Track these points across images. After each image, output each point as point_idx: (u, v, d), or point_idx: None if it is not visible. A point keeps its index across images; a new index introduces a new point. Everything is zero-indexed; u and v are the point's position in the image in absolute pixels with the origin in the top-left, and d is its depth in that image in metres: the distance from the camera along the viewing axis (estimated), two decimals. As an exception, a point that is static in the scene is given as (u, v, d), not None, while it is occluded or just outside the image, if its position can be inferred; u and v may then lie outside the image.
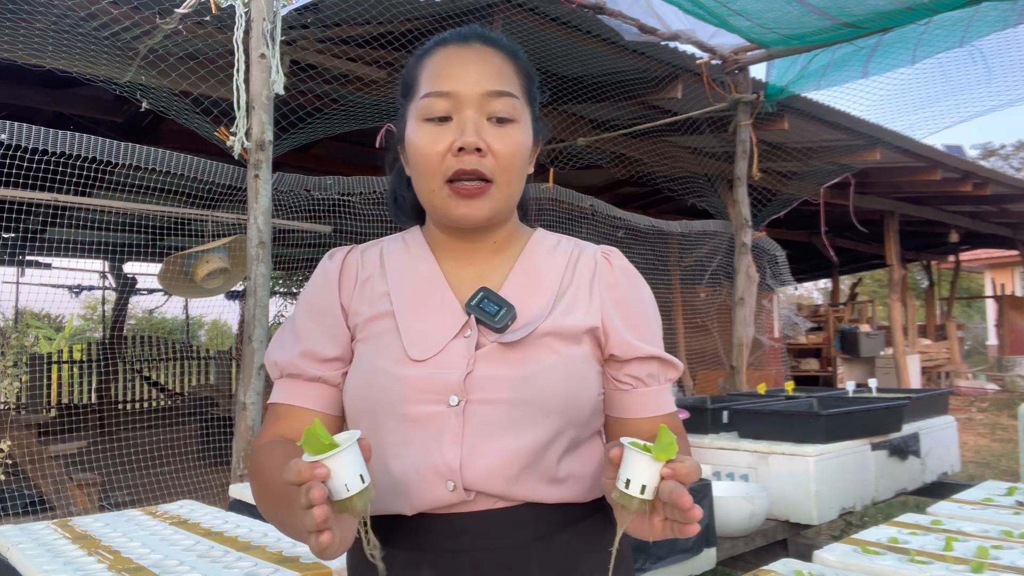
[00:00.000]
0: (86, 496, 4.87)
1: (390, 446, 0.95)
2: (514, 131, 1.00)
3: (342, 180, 4.61)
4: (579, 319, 1.01)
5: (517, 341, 0.97)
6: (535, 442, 0.94)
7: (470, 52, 1.01)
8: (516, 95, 1.01)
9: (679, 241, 6.72)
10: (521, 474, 0.94)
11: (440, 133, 0.98)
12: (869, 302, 15.79)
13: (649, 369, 1.03)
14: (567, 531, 0.98)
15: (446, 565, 0.93)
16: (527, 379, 0.95)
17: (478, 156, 0.97)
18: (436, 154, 0.97)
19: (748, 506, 3.41)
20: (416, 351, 0.96)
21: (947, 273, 16.05)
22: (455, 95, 0.98)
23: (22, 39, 3.75)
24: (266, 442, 0.99)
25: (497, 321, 0.97)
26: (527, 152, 1.03)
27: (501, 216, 1.03)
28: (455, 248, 1.05)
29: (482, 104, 0.98)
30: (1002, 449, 7.60)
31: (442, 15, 4.52)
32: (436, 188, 0.99)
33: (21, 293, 9.86)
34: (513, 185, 1.01)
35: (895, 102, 5.78)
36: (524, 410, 0.94)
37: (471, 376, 0.95)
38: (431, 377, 0.95)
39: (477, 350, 0.96)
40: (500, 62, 1.02)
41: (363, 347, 1.00)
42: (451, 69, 1.00)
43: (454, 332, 0.98)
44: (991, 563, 1.73)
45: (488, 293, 1.00)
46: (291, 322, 1.06)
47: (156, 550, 1.82)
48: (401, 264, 1.05)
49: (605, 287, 1.04)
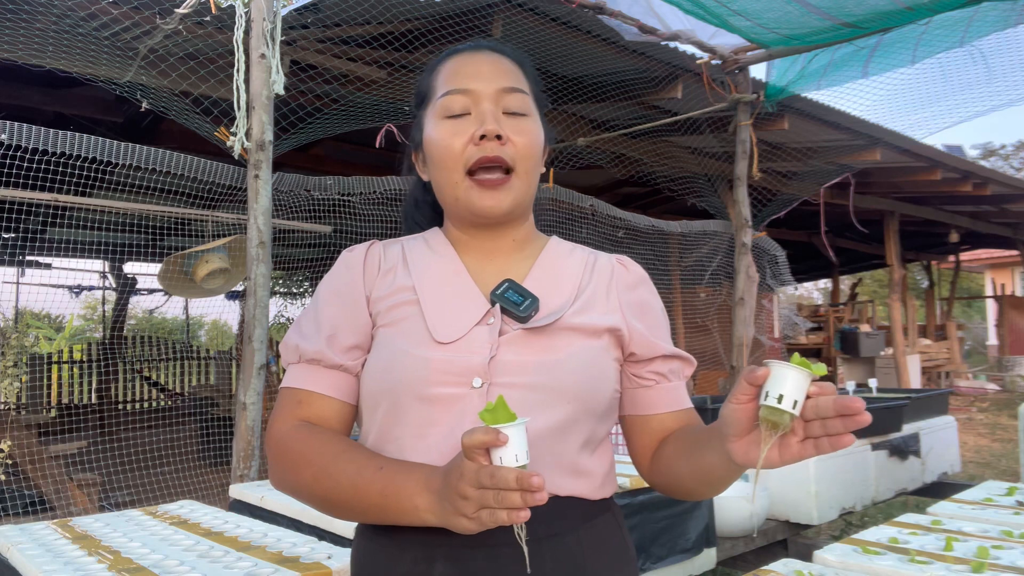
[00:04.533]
0: (86, 496, 4.87)
1: (412, 427, 0.97)
2: (529, 123, 1.05)
3: (342, 180, 4.61)
4: (599, 318, 1.04)
5: (540, 329, 1.00)
6: (553, 426, 0.97)
7: (482, 56, 1.07)
8: (527, 93, 1.07)
9: (679, 241, 6.72)
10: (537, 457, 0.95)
11: (460, 126, 1.02)
12: (869, 302, 15.81)
13: (671, 366, 1.09)
14: (578, 529, 0.99)
15: (460, 559, 0.94)
16: (550, 365, 0.98)
17: (498, 143, 1.01)
18: (458, 145, 1.01)
19: (748, 506, 3.41)
20: (441, 334, 0.98)
21: (947, 273, 16.06)
22: (472, 91, 1.03)
23: (22, 39, 3.75)
24: (295, 425, 1.01)
25: (522, 311, 0.99)
26: (541, 146, 1.08)
27: (520, 209, 1.06)
28: (476, 246, 1.08)
29: (497, 99, 1.03)
30: (1002, 449, 7.60)
31: (442, 15, 4.51)
32: (459, 180, 1.02)
33: (21, 293, 9.86)
34: (532, 175, 1.06)
35: (895, 102, 5.77)
36: (545, 394, 0.97)
37: (495, 360, 0.97)
38: (455, 359, 0.97)
39: (500, 336, 0.99)
40: (511, 66, 1.08)
41: (385, 331, 1.02)
42: (467, 69, 1.06)
43: (477, 318, 1.00)
44: (991, 563, 1.73)
45: (513, 284, 1.03)
46: (312, 310, 1.07)
47: (156, 550, 1.82)
48: (424, 259, 1.08)
49: (624, 290, 1.09)
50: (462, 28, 4.49)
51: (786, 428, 0.80)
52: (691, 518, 3.06)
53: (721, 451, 0.88)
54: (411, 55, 4.67)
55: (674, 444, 1.03)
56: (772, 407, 0.80)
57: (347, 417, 1.03)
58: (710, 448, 0.93)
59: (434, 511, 0.86)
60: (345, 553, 1.77)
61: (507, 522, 0.77)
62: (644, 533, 2.86)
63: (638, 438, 1.08)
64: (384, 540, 0.98)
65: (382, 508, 0.91)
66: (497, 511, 0.77)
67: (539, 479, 0.76)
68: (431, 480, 0.87)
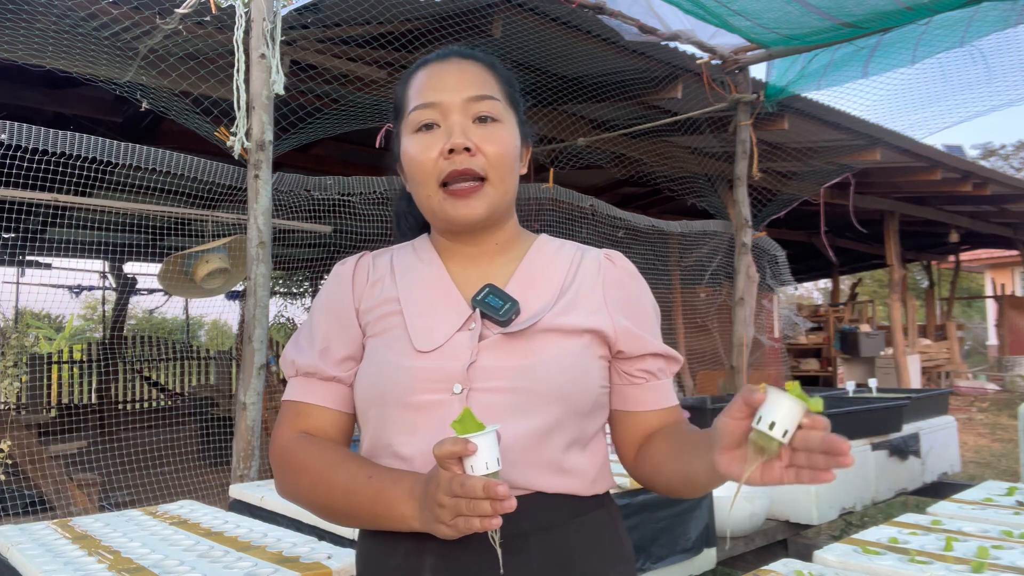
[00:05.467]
0: (86, 496, 4.87)
1: (397, 434, 1.00)
2: (499, 129, 1.05)
3: (342, 180, 4.61)
4: (581, 318, 1.05)
5: (519, 333, 1.01)
6: (535, 429, 0.98)
7: (449, 66, 1.08)
8: (497, 98, 1.07)
9: (679, 241, 6.72)
10: (520, 459, 0.97)
11: (430, 140, 1.04)
12: (869, 302, 15.79)
13: (659, 364, 1.09)
14: (568, 524, 1.00)
15: (449, 553, 0.95)
16: (528, 368, 0.99)
17: (468, 155, 1.02)
18: (428, 160, 1.03)
19: (748, 506, 3.42)
20: (422, 343, 1.01)
21: (947, 273, 16.05)
22: (440, 104, 1.04)
23: (22, 39, 3.75)
24: (295, 436, 1.05)
25: (502, 315, 1.01)
26: (515, 150, 1.08)
27: (498, 214, 1.07)
28: (460, 252, 1.10)
29: (466, 109, 1.04)
30: (1002, 449, 7.60)
31: (442, 15, 4.51)
32: (432, 193, 1.04)
33: (21, 293, 9.86)
34: (507, 182, 1.06)
35: (895, 102, 5.77)
36: (525, 397, 0.98)
37: (474, 365, 0.99)
38: (436, 367, 0.99)
39: (480, 342, 1.00)
40: (478, 71, 1.08)
41: (373, 342, 1.06)
42: (433, 82, 1.06)
43: (458, 325, 1.02)
44: (991, 563, 1.73)
45: (494, 289, 1.04)
46: (308, 325, 1.12)
47: (156, 550, 1.82)
48: (410, 268, 1.11)
49: (611, 287, 1.09)
50: (462, 28, 4.48)
51: (773, 454, 0.83)
52: (691, 518, 3.06)
53: (708, 458, 0.89)
54: (411, 55, 4.67)
55: (664, 443, 1.05)
56: (763, 432, 0.82)
57: (345, 426, 1.08)
58: (698, 453, 0.95)
59: (418, 518, 0.91)
60: (345, 553, 1.78)
61: (480, 529, 0.82)
62: (644, 533, 2.86)
63: (623, 433, 1.10)
64: (381, 536, 1.01)
65: (373, 515, 0.96)
66: (471, 518, 0.82)
67: (504, 488, 0.79)
68: (414, 488, 0.92)
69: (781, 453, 0.83)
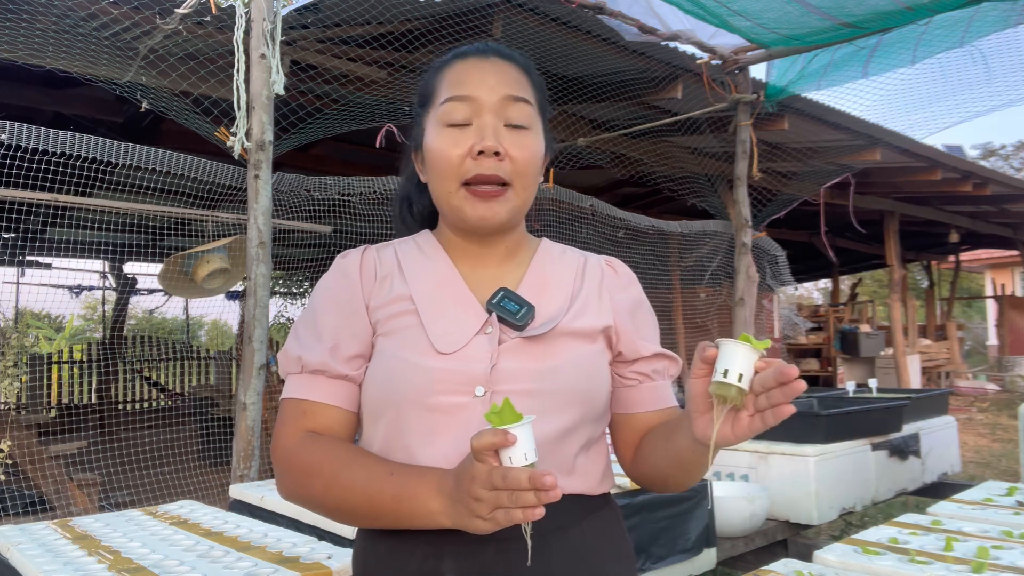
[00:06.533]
0: (86, 496, 4.87)
1: (416, 436, 0.98)
2: (530, 137, 1.04)
3: (342, 180, 4.61)
4: (593, 320, 1.06)
5: (538, 336, 1.01)
6: (554, 431, 0.99)
7: (489, 64, 1.06)
8: (531, 103, 1.06)
9: (679, 241, 6.72)
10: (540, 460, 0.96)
11: (459, 136, 1.02)
12: (869, 302, 15.79)
13: (656, 366, 1.10)
14: (581, 522, 1.01)
15: (468, 555, 0.95)
16: (550, 371, 1.00)
17: (496, 160, 1.01)
18: (456, 156, 1.01)
19: (748, 506, 3.41)
20: (442, 344, 0.99)
21: (947, 273, 16.05)
22: (475, 100, 1.02)
23: (22, 39, 3.75)
24: (301, 436, 1.01)
25: (519, 319, 1.01)
26: (541, 159, 1.08)
27: (516, 220, 1.07)
28: (469, 251, 1.09)
29: (500, 110, 1.02)
30: (1002, 449, 7.60)
31: (442, 15, 4.51)
32: (454, 190, 1.03)
33: (21, 293, 9.86)
34: (529, 190, 1.06)
35: (895, 102, 5.77)
36: (546, 400, 0.98)
37: (496, 368, 0.98)
38: (458, 369, 0.98)
39: (499, 345, 1.00)
40: (517, 73, 1.07)
41: (386, 341, 1.03)
42: (471, 76, 1.04)
43: (476, 328, 1.01)
44: (991, 563, 1.73)
45: (508, 293, 1.04)
46: (311, 319, 1.06)
47: (156, 550, 1.82)
48: (418, 266, 1.08)
49: (614, 291, 1.11)
50: (462, 28, 4.49)
51: (736, 402, 0.84)
52: (691, 518, 3.06)
53: (689, 431, 0.90)
54: (411, 55, 4.67)
55: (653, 434, 1.06)
56: (720, 382, 0.84)
57: (352, 425, 1.04)
58: (681, 430, 0.96)
59: (448, 514, 0.88)
60: (345, 553, 1.77)
61: (523, 520, 0.79)
62: (644, 533, 2.86)
63: (622, 434, 1.11)
64: (391, 541, 0.98)
65: (396, 513, 0.93)
66: (512, 510, 0.79)
67: (551, 477, 0.77)
68: (443, 483, 0.89)
69: (746, 403, 0.85)
